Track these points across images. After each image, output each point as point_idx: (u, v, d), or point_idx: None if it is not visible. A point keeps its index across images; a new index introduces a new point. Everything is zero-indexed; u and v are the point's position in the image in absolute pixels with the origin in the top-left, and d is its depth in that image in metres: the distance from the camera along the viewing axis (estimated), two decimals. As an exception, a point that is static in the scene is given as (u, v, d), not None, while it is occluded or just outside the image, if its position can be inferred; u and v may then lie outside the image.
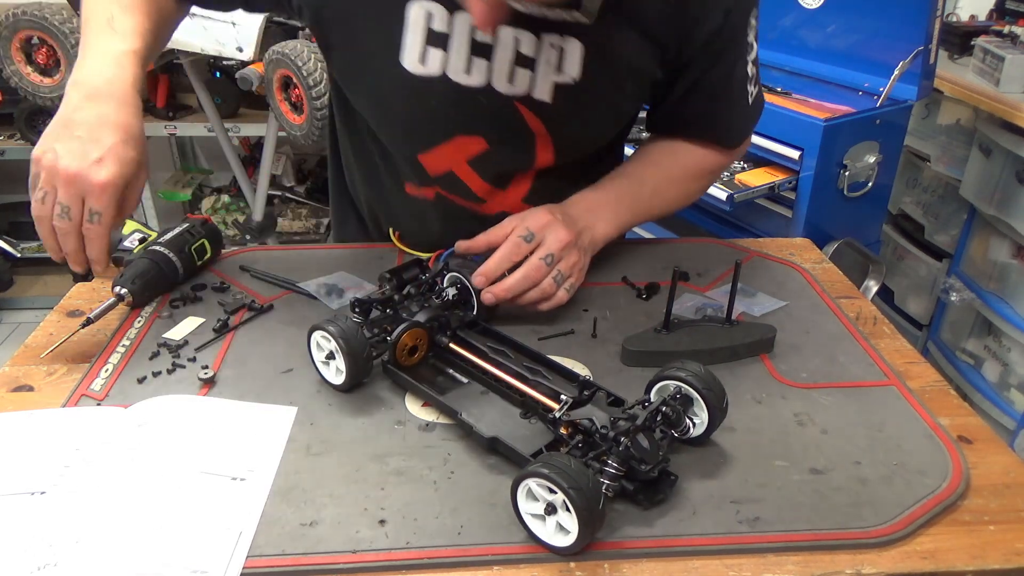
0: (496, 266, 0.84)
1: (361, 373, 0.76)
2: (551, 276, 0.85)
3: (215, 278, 0.98)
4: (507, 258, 0.84)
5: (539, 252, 0.85)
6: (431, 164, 0.96)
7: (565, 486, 0.55)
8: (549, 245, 0.85)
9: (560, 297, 0.87)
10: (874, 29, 1.57)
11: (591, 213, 0.93)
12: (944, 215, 2.14)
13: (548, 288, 0.85)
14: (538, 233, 0.86)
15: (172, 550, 0.58)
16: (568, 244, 0.86)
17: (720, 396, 0.68)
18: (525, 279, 0.84)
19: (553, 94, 0.89)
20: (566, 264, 0.86)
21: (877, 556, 0.60)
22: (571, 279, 0.87)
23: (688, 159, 1.03)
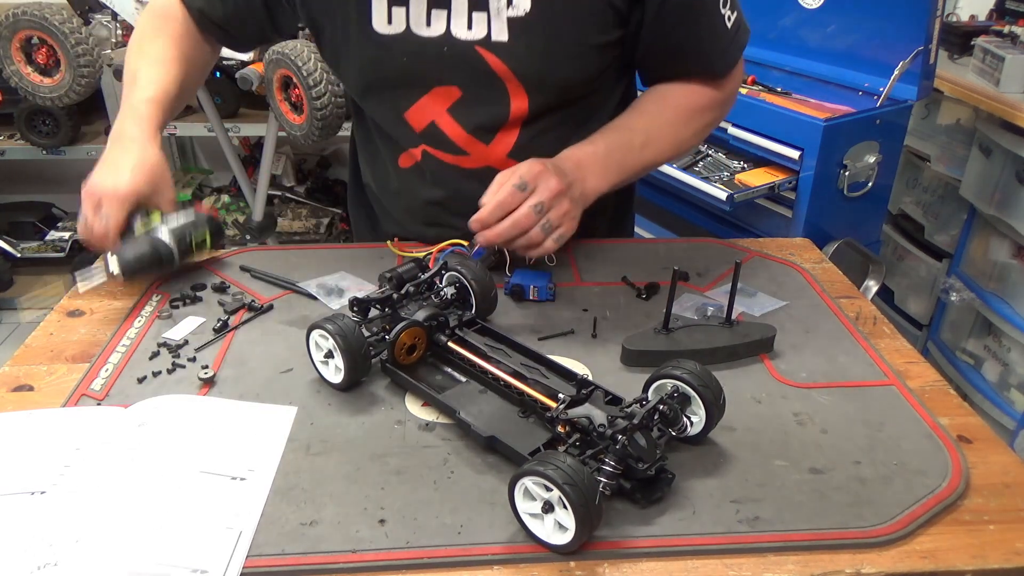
0: (490, 214, 0.86)
1: (359, 371, 0.76)
2: (539, 225, 0.87)
3: (215, 278, 0.98)
4: (501, 206, 0.86)
5: (530, 200, 0.86)
6: (415, 119, 0.99)
7: (560, 483, 0.56)
8: (540, 194, 0.86)
9: (547, 246, 0.88)
10: (874, 29, 1.57)
11: (581, 168, 0.93)
12: (944, 215, 2.14)
13: (536, 236, 0.87)
14: (530, 182, 0.87)
15: (172, 550, 0.58)
16: (558, 193, 0.87)
17: (717, 393, 0.68)
18: (514, 226, 0.86)
19: (509, 31, 0.91)
20: (556, 213, 0.88)
21: (877, 556, 0.60)
22: (560, 229, 0.89)
23: (678, 99, 1.02)
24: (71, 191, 3.07)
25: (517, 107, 0.97)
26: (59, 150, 2.60)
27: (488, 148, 1.00)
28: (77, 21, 2.08)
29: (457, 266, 0.86)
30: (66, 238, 2.82)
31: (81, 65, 2.09)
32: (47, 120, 2.55)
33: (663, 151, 1.02)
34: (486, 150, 1.00)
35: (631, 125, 1.00)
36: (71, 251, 2.82)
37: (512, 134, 0.99)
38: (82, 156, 2.64)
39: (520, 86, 0.95)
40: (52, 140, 2.57)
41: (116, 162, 0.93)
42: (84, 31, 2.09)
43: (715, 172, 1.53)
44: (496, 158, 1.00)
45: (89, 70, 2.11)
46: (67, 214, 2.96)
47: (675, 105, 1.02)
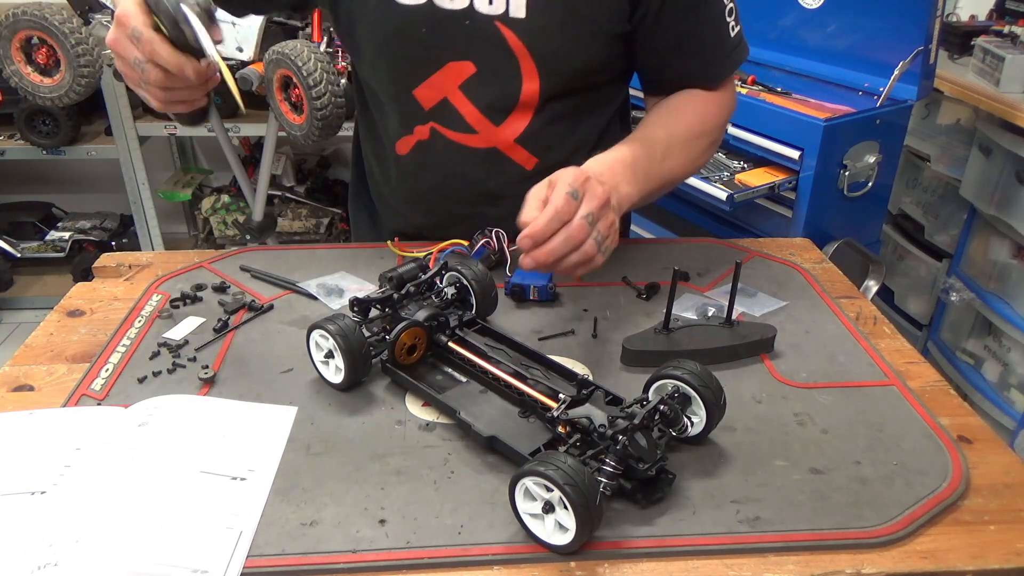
0: (546, 226, 0.75)
1: (360, 372, 0.76)
2: (592, 237, 0.77)
3: (215, 278, 0.98)
4: (558, 217, 0.75)
5: (580, 211, 0.76)
6: (425, 96, 0.99)
7: (561, 483, 0.56)
8: (588, 203, 0.77)
9: (598, 260, 0.79)
10: (874, 29, 1.57)
11: (613, 174, 0.87)
12: (944, 215, 2.14)
13: (590, 250, 0.77)
14: (581, 189, 0.77)
15: (172, 550, 0.58)
16: (605, 202, 0.79)
17: (717, 394, 0.68)
18: (568, 240, 0.76)
19: (527, 8, 0.92)
20: (604, 224, 0.79)
21: (877, 556, 0.60)
22: (608, 240, 0.80)
23: (689, 116, 1.01)
24: (71, 191, 3.07)
25: (529, 88, 0.97)
26: (59, 150, 2.60)
27: (498, 129, 1.00)
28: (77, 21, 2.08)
29: (457, 266, 0.86)
30: (66, 238, 2.82)
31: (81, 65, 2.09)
32: (47, 120, 2.55)
33: (680, 165, 0.99)
34: (495, 131, 1.00)
35: (650, 136, 0.97)
36: (71, 251, 2.82)
37: (522, 118, 1.00)
38: (82, 156, 2.64)
39: (533, 65, 0.95)
40: (52, 140, 2.57)
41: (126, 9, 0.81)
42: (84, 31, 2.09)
43: (715, 172, 1.53)
44: (504, 141, 1.01)
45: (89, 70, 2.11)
46: (67, 214, 2.96)
47: (687, 122, 1.01)
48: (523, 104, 0.99)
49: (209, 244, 3.00)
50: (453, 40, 0.95)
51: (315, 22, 2.28)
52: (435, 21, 0.93)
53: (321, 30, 2.27)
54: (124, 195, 2.68)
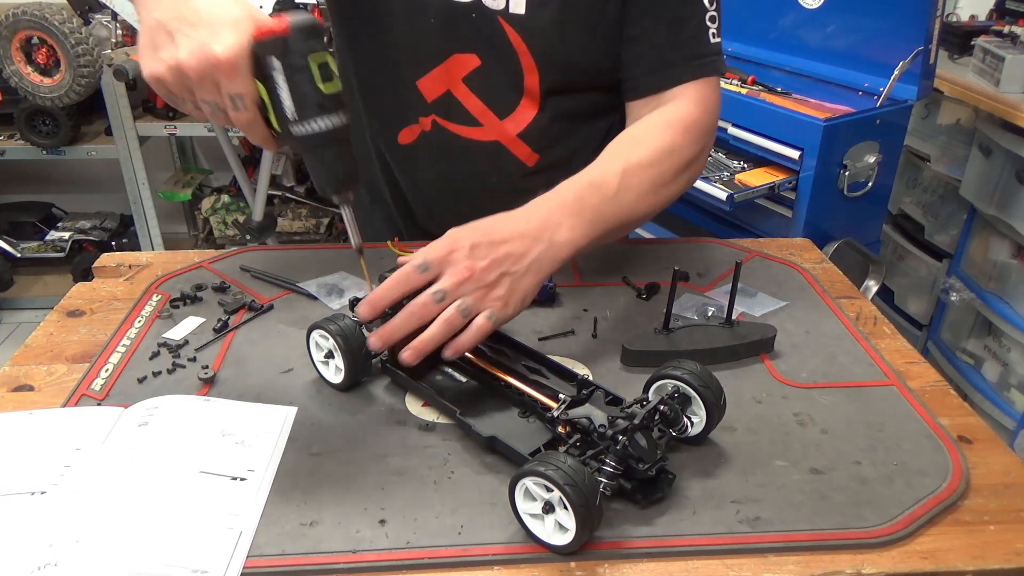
0: (380, 296, 0.72)
1: (360, 372, 0.76)
2: (455, 306, 0.72)
3: (215, 278, 0.98)
4: (394, 288, 0.72)
5: (431, 287, 0.73)
6: (428, 88, 0.99)
7: (561, 483, 0.56)
8: (443, 282, 0.72)
9: (480, 325, 0.73)
10: (874, 29, 1.57)
11: (544, 224, 0.78)
12: (944, 215, 2.14)
13: (454, 319, 0.72)
14: (435, 265, 0.73)
15: (172, 550, 0.58)
16: (465, 281, 0.72)
17: (717, 394, 0.68)
18: (409, 317, 0.72)
19: (527, 4, 0.91)
20: (475, 296, 0.73)
21: (877, 556, 0.60)
22: (490, 309, 0.73)
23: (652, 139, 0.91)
24: (71, 191, 3.07)
25: (530, 83, 0.97)
26: (59, 150, 2.60)
27: (502, 123, 1.00)
28: (77, 21, 2.09)
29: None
30: (66, 238, 2.82)
31: (81, 65, 2.09)
32: (47, 120, 2.55)
33: (642, 196, 0.87)
34: (499, 124, 1.00)
35: (602, 169, 0.87)
36: (71, 251, 2.82)
37: (527, 113, 1.00)
38: (82, 156, 2.64)
39: (532, 61, 0.95)
40: (52, 140, 2.57)
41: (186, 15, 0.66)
42: (84, 31, 2.09)
43: (715, 172, 1.53)
44: (507, 135, 1.01)
45: (89, 70, 2.12)
46: (67, 214, 2.96)
47: (650, 146, 0.90)
48: (526, 99, 0.99)
49: (209, 244, 3.00)
50: (459, 32, 0.95)
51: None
52: (444, 12, 0.93)
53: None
54: (124, 195, 2.68)
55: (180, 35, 0.65)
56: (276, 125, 0.68)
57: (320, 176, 0.70)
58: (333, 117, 0.67)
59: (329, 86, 0.66)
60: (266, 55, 0.65)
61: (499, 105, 0.99)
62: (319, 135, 0.66)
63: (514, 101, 0.99)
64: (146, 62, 0.68)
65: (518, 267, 0.75)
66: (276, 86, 0.65)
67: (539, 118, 1.00)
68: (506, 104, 0.99)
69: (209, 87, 0.65)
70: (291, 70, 0.64)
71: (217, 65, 0.64)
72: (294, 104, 0.65)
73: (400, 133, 1.04)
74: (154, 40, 0.67)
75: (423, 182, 1.07)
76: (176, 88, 0.67)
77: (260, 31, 0.64)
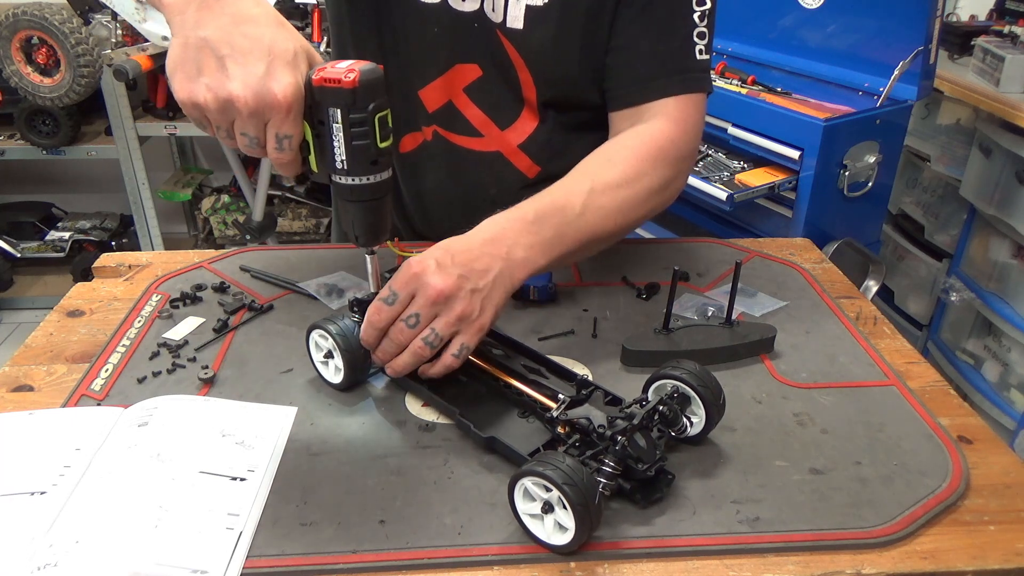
0: (365, 335, 0.74)
1: (359, 372, 0.76)
2: (421, 337, 0.71)
3: (215, 278, 0.98)
4: (371, 325, 0.73)
5: (404, 313, 0.72)
6: (430, 98, 0.99)
7: (559, 483, 0.56)
8: (414, 306, 0.72)
9: (446, 362, 0.72)
10: (874, 29, 1.57)
11: (498, 243, 0.76)
12: (944, 215, 2.14)
13: (420, 351, 0.72)
14: (402, 291, 0.72)
15: (172, 550, 0.58)
16: (439, 297, 0.71)
17: (716, 393, 0.68)
18: (391, 343, 0.73)
19: (524, 19, 0.91)
20: (443, 322, 0.71)
21: (877, 556, 0.60)
22: (459, 339, 0.72)
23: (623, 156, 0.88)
24: (71, 191, 3.07)
25: (528, 96, 0.97)
26: (59, 150, 2.60)
27: (503, 133, 1.00)
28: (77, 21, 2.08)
29: None
30: (66, 238, 2.82)
31: (81, 65, 2.09)
32: (47, 120, 2.55)
33: (608, 217, 0.84)
34: (500, 135, 1.00)
35: (566, 188, 0.84)
36: (71, 251, 2.82)
37: (527, 124, 1.00)
38: (82, 156, 2.64)
39: (529, 76, 0.95)
40: (52, 140, 2.57)
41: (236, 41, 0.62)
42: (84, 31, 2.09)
43: (715, 172, 1.53)
44: (509, 146, 1.00)
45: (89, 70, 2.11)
46: (67, 214, 2.96)
47: (620, 167, 0.86)
48: (527, 110, 0.99)
49: (209, 244, 3.00)
50: (462, 42, 0.94)
51: (315, 22, 2.28)
52: (448, 22, 0.93)
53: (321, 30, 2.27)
54: (124, 195, 2.69)
55: (232, 63, 0.61)
56: (315, 167, 0.66)
57: (354, 225, 0.69)
58: (382, 173, 0.66)
59: (385, 143, 0.64)
60: (327, 105, 0.62)
61: (500, 116, 0.99)
62: (365, 188, 0.65)
63: (515, 112, 0.99)
64: (183, 84, 0.63)
65: (484, 281, 0.73)
66: (331, 135, 0.63)
67: (540, 130, 1.00)
68: (507, 115, 0.99)
69: (256, 124, 0.63)
70: (353, 125, 0.63)
71: (274, 105, 0.61)
72: (347, 157, 0.64)
73: (401, 142, 1.04)
74: (197, 61, 0.63)
75: (424, 191, 1.07)
76: (216, 117, 0.64)
77: (324, 78, 0.62)
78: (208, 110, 0.63)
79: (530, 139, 1.00)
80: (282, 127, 0.63)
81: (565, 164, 1.02)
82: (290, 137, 0.64)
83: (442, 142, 1.01)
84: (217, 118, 0.64)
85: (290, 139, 0.64)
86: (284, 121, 0.63)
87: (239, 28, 0.62)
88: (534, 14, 0.91)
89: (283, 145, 0.64)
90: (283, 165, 0.66)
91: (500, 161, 1.01)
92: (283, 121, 0.63)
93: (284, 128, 0.63)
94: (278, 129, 0.63)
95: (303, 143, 0.65)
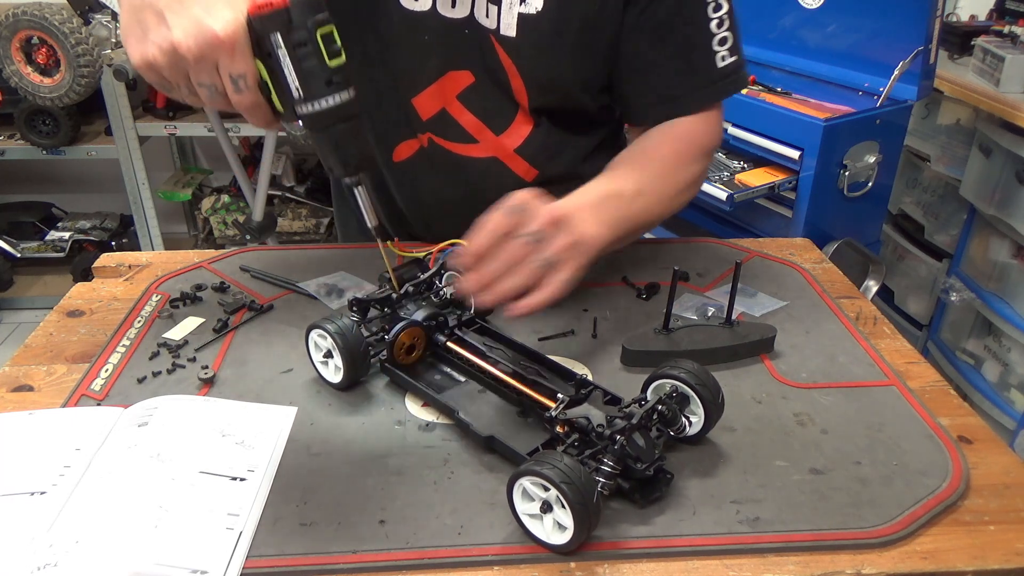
0: (480, 240, 0.71)
1: (359, 371, 0.76)
2: (538, 256, 0.71)
3: (215, 278, 0.98)
4: (493, 230, 0.71)
5: (522, 229, 0.71)
6: (424, 106, 0.98)
7: (557, 481, 0.56)
8: (535, 221, 0.71)
9: (548, 292, 0.72)
10: (874, 29, 1.57)
11: (576, 213, 0.80)
12: (944, 215, 2.14)
13: (532, 273, 0.71)
14: (526, 206, 0.72)
15: (172, 550, 0.58)
16: (558, 220, 0.72)
17: (715, 392, 0.68)
18: (505, 262, 0.71)
19: (518, 27, 0.91)
20: (558, 247, 0.72)
21: (877, 556, 0.60)
22: (563, 272, 0.73)
23: (662, 151, 0.95)
24: (71, 191, 3.07)
25: (521, 102, 0.97)
26: (59, 150, 2.60)
27: (499, 138, 1.00)
28: (77, 21, 2.09)
29: (457, 266, 0.85)
30: (66, 238, 2.82)
31: (81, 65, 2.09)
32: (47, 120, 2.55)
33: (658, 202, 0.91)
34: (496, 140, 1.00)
35: (618, 176, 0.90)
36: (71, 251, 2.82)
37: (523, 128, 0.99)
38: (82, 156, 2.64)
39: (522, 83, 0.95)
40: (52, 140, 2.57)
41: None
42: (84, 31, 2.09)
43: (715, 172, 1.53)
44: (505, 151, 1.00)
45: (89, 70, 2.12)
46: (67, 214, 2.96)
47: (660, 157, 0.94)
48: (521, 115, 0.98)
49: (209, 244, 3.00)
50: (454, 49, 0.94)
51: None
52: (438, 28, 0.92)
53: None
54: (124, 195, 2.69)
55: (171, 13, 0.61)
56: (280, 106, 0.65)
57: (330, 157, 0.67)
58: (342, 93, 0.63)
59: (336, 60, 0.63)
60: (267, 31, 0.61)
61: (494, 121, 0.99)
62: (328, 113, 0.63)
63: (509, 117, 0.98)
64: (135, 47, 0.63)
65: (576, 233, 0.75)
66: (280, 64, 0.62)
67: (535, 133, 0.99)
68: (501, 120, 0.99)
69: (207, 69, 0.62)
70: (295, 46, 0.61)
71: (216, 43, 0.60)
72: (300, 83, 0.62)
73: (395, 150, 1.04)
74: (142, 22, 0.62)
75: (420, 199, 1.06)
76: (171, 73, 0.63)
77: (258, 4, 0.61)
78: (161, 67, 0.62)
79: (526, 143, 1.00)
80: (233, 66, 0.61)
81: (563, 166, 1.03)
82: (243, 76, 0.62)
83: (437, 149, 1.01)
84: (172, 74, 0.63)
85: (244, 78, 0.62)
86: (232, 59, 0.61)
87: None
88: (527, 22, 0.90)
89: (239, 85, 0.62)
90: (250, 111, 0.64)
91: (497, 166, 1.01)
92: (231, 59, 0.61)
93: (235, 67, 0.61)
94: (229, 69, 0.62)
95: (262, 84, 0.63)
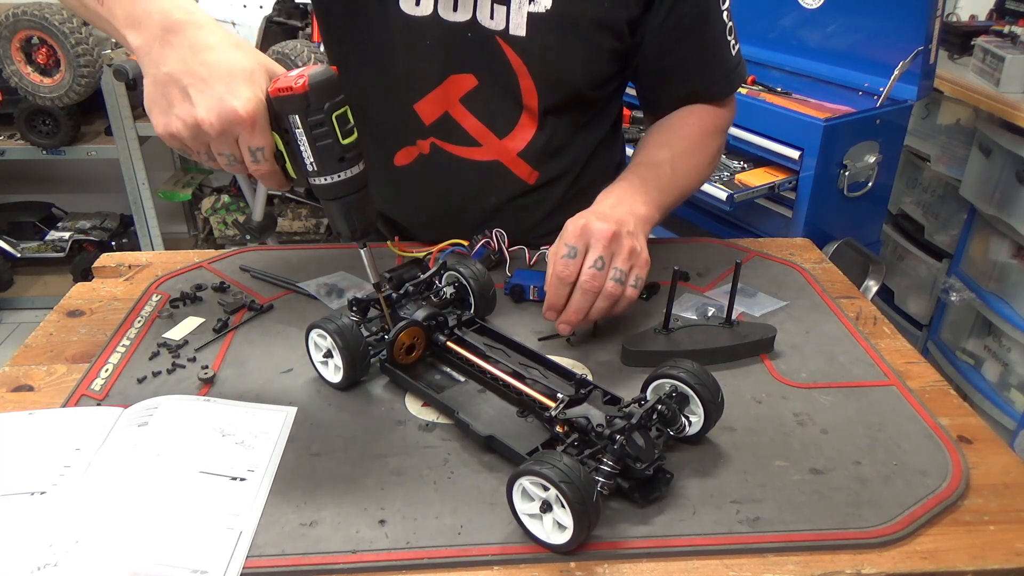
0: (555, 296, 0.81)
1: (358, 371, 0.76)
2: (610, 278, 0.80)
3: (215, 278, 0.98)
4: (561, 282, 0.80)
5: (587, 261, 0.80)
6: (426, 111, 0.98)
7: (557, 481, 0.56)
8: (594, 249, 0.80)
9: (630, 294, 0.81)
10: (874, 29, 1.57)
11: (622, 203, 0.87)
12: (944, 215, 2.14)
13: (613, 291, 0.80)
14: (578, 244, 0.80)
15: (172, 550, 0.58)
16: (612, 237, 0.80)
17: (715, 391, 0.68)
18: (585, 294, 0.80)
19: (528, 27, 0.91)
20: (621, 258, 0.81)
21: (877, 556, 0.60)
22: (635, 271, 0.81)
23: (688, 130, 1.03)
24: (71, 191, 3.07)
25: (528, 102, 0.97)
26: (59, 150, 2.60)
27: (502, 142, 1.00)
28: (77, 21, 2.08)
29: (456, 266, 0.85)
30: (66, 238, 2.82)
31: (81, 65, 2.09)
32: (47, 120, 2.55)
33: (689, 178, 1.01)
34: (499, 143, 1.00)
35: (653, 158, 0.98)
36: (71, 251, 2.82)
37: (526, 131, 0.99)
38: (82, 156, 2.64)
39: (532, 83, 0.95)
40: (52, 140, 2.57)
41: (198, 69, 0.65)
42: (84, 31, 2.09)
43: (715, 172, 1.53)
44: (508, 154, 1.00)
45: (89, 70, 2.12)
46: (67, 214, 2.96)
47: (687, 135, 1.02)
48: (526, 117, 0.98)
49: (209, 244, 3.00)
50: (456, 53, 0.94)
51: (315, 22, 2.28)
52: (440, 33, 0.92)
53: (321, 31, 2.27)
54: (124, 195, 2.69)
55: (195, 91, 0.65)
56: (294, 173, 0.70)
57: (338, 223, 0.72)
58: (353, 168, 0.69)
59: (349, 138, 0.67)
60: (286, 112, 0.65)
61: (498, 125, 0.99)
62: (339, 185, 0.68)
63: (513, 120, 0.99)
64: (159, 118, 0.68)
65: (630, 228, 0.83)
66: (296, 141, 0.67)
67: (539, 135, 1.00)
68: (505, 123, 0.99)
69: (228, 142, 0.66)
70: (312, 128, 0.65)
71: (237, 121, 0.64)
72: (314, 159, 0.67)
73: (396, 155, 1.03)
74: (167, 95, 0.66)
75: (423, 202, 1.06)
76: (193, 143, 0.68)
77: (278, 88, 0.65)
78: (184, 139, 0.67)
79: (529, 146, 1.00)
80: (252, 140, 0.66)
81: (563, 166, 1.03)
82: (261, 149, 0.67)
83: (440, 153, 1.01)
84: (194, 144, 0.68)
85: (262, 150, 0.67)
86: (252, 134, 0.66)
87: (198, 57, 0.65)
88: (537, 21, 0.91)
89: (257, 157, 0.67)
90: (265, 177, 0.69)
91: (499, 169, 1.01)
92: (251, 134, 0.66)
93: (254, 141, 0.66)
94: (249, 143, 0.66)
95: (277, 153, 0.69)
